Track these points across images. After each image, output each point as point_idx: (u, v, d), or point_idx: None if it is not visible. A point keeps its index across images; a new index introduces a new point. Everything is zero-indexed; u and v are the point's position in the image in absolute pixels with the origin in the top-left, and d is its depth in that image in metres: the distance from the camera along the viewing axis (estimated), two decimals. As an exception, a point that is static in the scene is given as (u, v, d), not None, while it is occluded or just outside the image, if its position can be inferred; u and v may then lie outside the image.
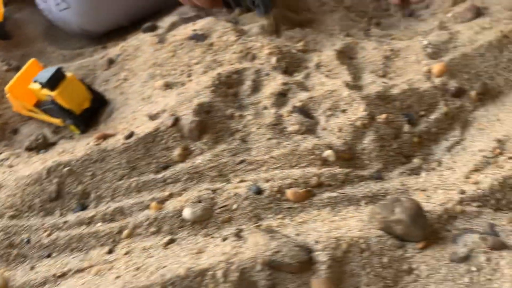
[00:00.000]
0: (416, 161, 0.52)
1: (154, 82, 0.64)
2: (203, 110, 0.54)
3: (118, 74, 0.71)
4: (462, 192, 0.45)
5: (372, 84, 0.58)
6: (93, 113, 0.65)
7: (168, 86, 0.63)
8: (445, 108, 0.57)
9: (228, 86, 0.59)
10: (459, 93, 0.59)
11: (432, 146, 0.54)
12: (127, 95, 0.66)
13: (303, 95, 0.56)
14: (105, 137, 0.57)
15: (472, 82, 0.60)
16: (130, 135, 0.54)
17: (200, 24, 0.70)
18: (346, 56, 0.65)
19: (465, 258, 0.37)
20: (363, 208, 0.46)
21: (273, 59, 0.63)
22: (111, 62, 0.73)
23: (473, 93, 0.59)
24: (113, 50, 0.74)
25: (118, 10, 0.82)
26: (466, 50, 0.63)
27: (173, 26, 0.76)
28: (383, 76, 0.62)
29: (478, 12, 0.69)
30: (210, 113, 0.54)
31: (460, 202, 0.44)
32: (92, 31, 0.82)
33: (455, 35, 0.66)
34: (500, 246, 0.37)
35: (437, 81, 0.59)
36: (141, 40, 0.73)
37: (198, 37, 0.68)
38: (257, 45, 0.65)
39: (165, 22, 0.79)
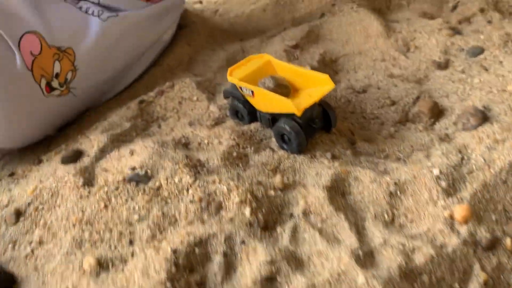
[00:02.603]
0: None
1: (81, 256, 0.46)
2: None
3: (30, 232, 0.51)
4: None
5: (386, 248, 0.44)
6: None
7: (101, 266, 0.44)
8: (483, 275, 0.43)
9: (189, 268, 0.42)
10: (492, 244, 0.46)
11: None
12: (44, 275, 0.46)
13: (300, 281, 0.40)
14: None
15: (502, 224, 0.48)
16: None
17: (141, 158, 0.53)
18: (338, 192, 0.50)
19: None
20: None
21: (247, 211, 0.47)
22: (19, 214, 0.53)
23: (508, 240, 0.46)
24: (21, 195, 0.54)
25: (37, 122, 0.63)
26: (486, 178, 0.50)
27: (103, 152, 0.58)
28: (392, 221, 0.48)
29: (484, 116, 0.58)
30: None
31: None
32: (5, 148, 0.62)
33: (465, 153, 0.53)
34: None
35: (463, 231, 0.45)
36: (60, 180, 0.54)
37: (139, 178, 0.51)
38: (222, 189, 0.49)
39: (91, 142, 0.61)
